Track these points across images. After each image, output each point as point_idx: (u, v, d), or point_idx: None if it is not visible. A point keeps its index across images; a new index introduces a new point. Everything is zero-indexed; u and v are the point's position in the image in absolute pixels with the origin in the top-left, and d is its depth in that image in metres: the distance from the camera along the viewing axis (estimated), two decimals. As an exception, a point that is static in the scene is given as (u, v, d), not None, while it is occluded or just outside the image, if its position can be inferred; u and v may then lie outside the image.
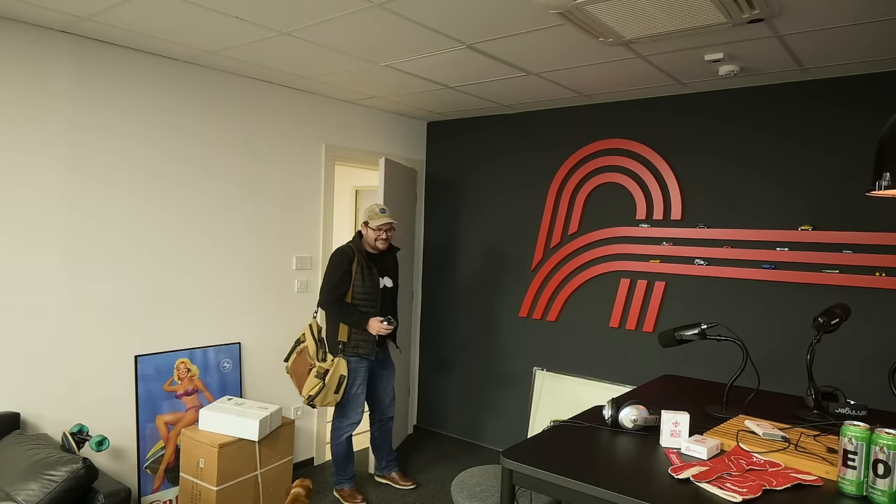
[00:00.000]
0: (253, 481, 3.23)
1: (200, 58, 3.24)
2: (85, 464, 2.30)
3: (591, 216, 4.04)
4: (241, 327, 3.70)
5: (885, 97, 3.05)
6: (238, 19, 2.61)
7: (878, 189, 1.79)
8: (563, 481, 1.64)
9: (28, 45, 2.75)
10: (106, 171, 3.06)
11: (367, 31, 2.73)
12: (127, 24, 2.73)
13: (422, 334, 4.98)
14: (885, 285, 3.02)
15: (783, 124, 3.34)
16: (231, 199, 3.61)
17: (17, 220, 2.78)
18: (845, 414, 2.11)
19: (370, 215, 3.46)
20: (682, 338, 2.28)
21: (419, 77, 3.49)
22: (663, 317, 3.76)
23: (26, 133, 2.78)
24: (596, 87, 3.58)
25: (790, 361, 3.31)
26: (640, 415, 2.00)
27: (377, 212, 3.44)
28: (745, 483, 1.56)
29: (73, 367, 2.98)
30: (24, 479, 2.25)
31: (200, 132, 3.44)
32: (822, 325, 2.21)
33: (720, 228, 3.52)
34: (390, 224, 3.44)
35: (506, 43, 2.82)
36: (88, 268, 3.01)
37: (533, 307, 4.30)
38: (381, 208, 3.44)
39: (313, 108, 4.03)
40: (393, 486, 3.83)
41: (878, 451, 1.49)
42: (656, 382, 2.75)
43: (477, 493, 2.28)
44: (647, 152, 3.77)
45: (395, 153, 4.65)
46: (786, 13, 2.35)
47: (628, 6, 2.27)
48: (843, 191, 3.16)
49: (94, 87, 2.99)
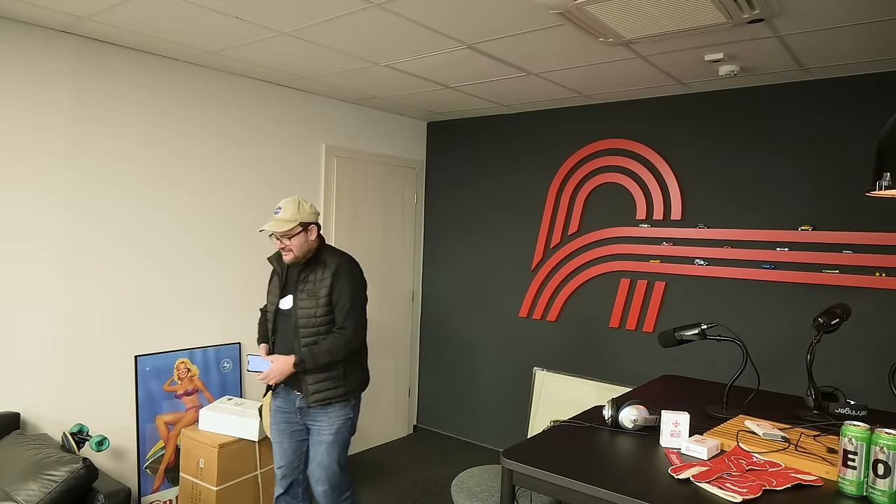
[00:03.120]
0: (253, 481, 3.23)
1: (200, 58, 3.24)
2: (85, 464, 2.30)
3: (591, 216, 4.04)
4: (241, 327, 3.69)
5: (885, 97, 3.04)
6: (238, 19, 2.61)
7: (878, 189, 1.79)
8: (563, 481, 1.64)
9: (28, 45, 2.75)
10: (106, 171, 3.06)
11: (367, 31, 2.72)
12: (127, 24, 2.73)
13: (422, 334, 4.98)
14: (885, 285, 3.02)
15: (783, 124, 3.34)
16: (231, 198, 3.61)
17: (17, 220, 2.77)
18: (845, 414, 2.11)
19: None
20: (682, 338, 2.28)
21: (419, 77, 3.49)
22: (663, 317, 3.76)
23: (26, 133, 2.78)
24: (596, 87, 3.58)
25: (790, 361, 3.31)
26: (640, 415, 2.00)
27: None
28: (745, 483, 1.56)
29: (73, 367, 2.98)
30: (24, 479, 2.25)
31: (200, 132, 3.44)
32: (822, 325, 2.21)
33: (720, 228, 3.52)
34: (273, 234, 2.51)
35: (506, 43, 2.82)
36: (88, 268, 3.01)
37: (533, 307, 4.30)
38: (276, 208, 2.55)
39: (313, 108, 4.03)
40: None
41: (878, 451, 1.49)
42: (656, 382, 2.75)
43: (477, 493, 2.28)
44: (647, 152, 3.77)
45: (395, 153, 4.65)
46: (786, 13, 2.35)
47: (628, 6, 2.27)
48: (843, 191, 3.16)
49: (94, 87, 2.98)
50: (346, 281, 2.55)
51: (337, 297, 2.53)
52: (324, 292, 2.51)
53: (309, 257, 2.57)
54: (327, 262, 2.56)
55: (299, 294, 2.54)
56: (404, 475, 4.05)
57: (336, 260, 2.57)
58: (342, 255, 2.62)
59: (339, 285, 2.53)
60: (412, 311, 4.87)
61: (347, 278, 2.56)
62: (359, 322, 2.57)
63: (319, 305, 2.52)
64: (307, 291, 2.54)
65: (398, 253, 4.71)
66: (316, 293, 2.52)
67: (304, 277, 2.55)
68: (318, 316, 2.53)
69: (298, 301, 2.54)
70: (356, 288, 2.59)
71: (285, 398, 2.68)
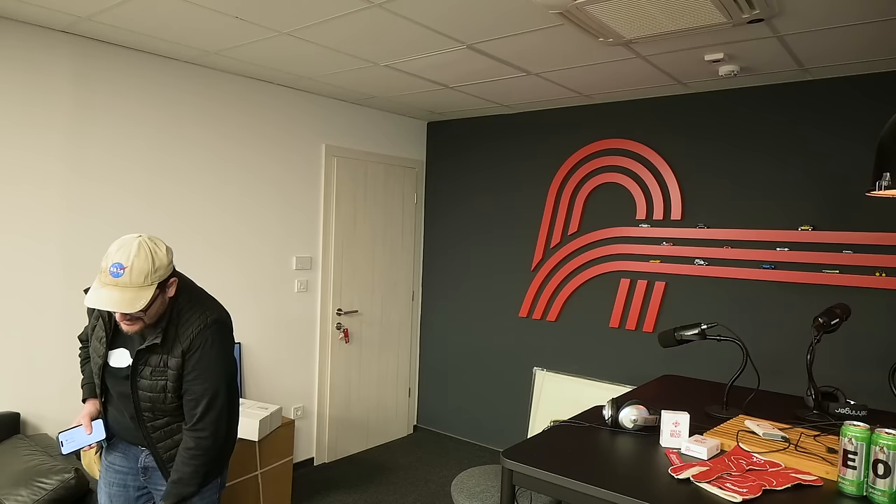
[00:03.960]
0: (253, 481, 3.23)
1: (200, 58, 3.24)
2: (76, 474, 2.31)
3: (591, 216, 4.04)
4: (241, 327, 3.69)
5: (885, 97, 3.05)
6: (238, 19, 2.61)
7: (878, 189, 1.79)
8: (563, 481, 1.64)
9: (28, 45, 2.75)
10: (106, 171, 3.06)
11: (367, 31, 2.72)
12: (127, 24, 2.73)
13: (422, 334, 4.98)
14: (885, 285, 3.02)
15: (783, 124, 3.34)
16: (231, 199, 3.61)
17: (17, 220, 2.78)
18: (845, 414, 2.11)
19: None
20: (682, 338, 2.28)
21: (419, 77, 3.49)
22: (663, 317, 3.76)
23: (26, 133, 2.78)
24: (596, 87, 3.58)
25: (790, 361, 3.31)
26: (640, 415, 2.00)
27: (102, 269, 1.66)
28: (745, 483, 1.56)
29: (73, 367, 2.98)
30: (16, 485, 2.26)
31: (200, 132, 3.44)
32: (822, 325, 2.21)
33: (720, 228, 3.52)
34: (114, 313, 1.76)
35: (506, 43, 2.82)
36: (88, 268, 3.01)
37: (533, 307, 4.30)
38: (111, 264, 1.64)
39: (313, 108, 4.03)
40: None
41: (878, 451, 1.49)
42: (656, 382, 2.75)
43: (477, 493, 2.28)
44: (647, 152, 3.77)
45: (395, 153, 4.65)
46: (786, 13, 2.35)
47: (628, 6, 2.27)
48: (843, 191, 3.16)
49: (94, 88, 2.98)
50: (206, 360, 1.77)
51: (190, 384, 1.77)
52: (173, 375, 1.76)
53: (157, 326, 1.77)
54: (179, 331, 1.77)
55: (140, 367, 1.77)
56: (404, 475, 4.05)
57: (192, 327, 1.77)
58: (202, 316, 1.79)
59: (194, 367, 1.76)
60: (412, 310, 4.88)
61: (209, 356, 1.77)
62: (222, 418, 1.81)
63: (169, 390, 1.77)
64: (152, 368, 1.77)
65: (398, 253, 4.71)
66: (164, 372, 1.76)
67: (148, 348, 1.76)
68: (168, 402, 1.79)
69: (140, 378, 1.77)
70: (220, 368, 1.80)
71: (124, 452, 1.93)
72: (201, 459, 1.79)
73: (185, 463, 1.79)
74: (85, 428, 1.85)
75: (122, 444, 1.93)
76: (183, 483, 1.79)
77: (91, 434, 1.85)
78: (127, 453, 1.93)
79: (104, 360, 1.83)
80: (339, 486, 3.84)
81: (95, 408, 1.91)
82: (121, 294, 1.62)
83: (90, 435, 1.85)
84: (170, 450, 1.84)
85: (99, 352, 1.83)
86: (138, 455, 1.91)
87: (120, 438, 1.92)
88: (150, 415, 1.81)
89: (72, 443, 1.83)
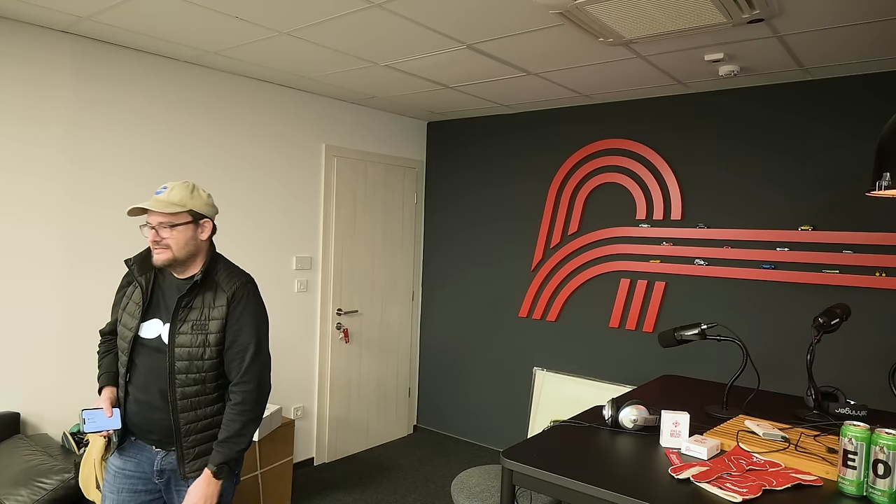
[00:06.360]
0: (253, 481, 3.23)
1: (200, 58, 3.24)
2: (76, 473, 2.30)
3: (591, 216, 4.04)
4: (241, 327, 3.69)
5: (885, 97, 3.05)
6: (238, 19, 2.61)
7: (878, 189, 1.79)
8: (563, 481, 1.64)
9: (28, 46, 2.75)
10: (106, 171, 3.05)
11: (367, 31, 2.73)
12: (127, 24, 2.73)
13: (422, 334, 4.98)
14: (885, 285, 3.02)
15: (783, 124, 3.34)
16: (231, 198, 3.61)
17: (17, 219, 2.77)
18: (845, 414, 2.11)
19: None
20: (682, 338, 2.28)
21: (419, 77, 3.49)
22: (663, 317, 3.76)
23: (26, 133, 2.77)
24: (596, 87, 3.58)
25: (790, 361, 3.31)
26: (640, 415, 2.00)
27: None
28: (745, 483, 1.56)
29: (73, 366, 2.98)
30: (16, 485, 2.26)
31: (200, 132, 3.44)
32: (822, 325, 2.21)
33: (720, 228, 3.52)
34: (153, 213, 1.81)
35: (506, 43, 2.82)
36: (89, 268, 3.01)
37: (533, 307, 4.30)
38: (161, 187, 1.87)
39: (313, 108, 4.03)
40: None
41: (878, 451, 1.49)
42: (656, 382, 2.75)
43: (477, 493, 2.28)
44: (647, 152, 3.77)
45: (395, 153, 4.65)
46: (786, 13, 2.35)
47: (628, 6, 2.27)
48: (843, 191, 3.16)
49: (94, 88, 2.98)
50: (249, 312, 1.86)
51: (236, 334, 1.83)
52: (216, 326, 1.82)
53: (194, 273, 1.86)
54: (220, 281, 1.87)
55: (179, 323, 1.81)
56: (404, 475, 4.05)
57: (234, 280, 1.88)
58: (240, 273, 1.93)
59: (238, 317, 1.84)
60: (412, 310, 4.88)
61: (251, 308, 1.88)
62: (265, 370, 1.90)
63: (210, 344, 1.81)
64: (192, 322, 1.81)
65: (398, 253, 4.71)
66: (204, 326, 1.81)
67: (188, 303, 1.83)
68: (206, 358, 1.81)
69: (179, 334, 1.80)
70: (262, 321, 1.91)
71: (136, 456, 1.88)
72: (248, 415, 1.83)
73: (233, 420, 1.82)
74: (106, 411, 1.84)
75: (134, 447, 1.89)
76: (231, 441, 1.81)
77: (111, 418, 1.84)
78: (140, 457, 1.88)
79: (135, 333, 1.84)
80: (339, 486, 3.84)
81: (114, 395, 1.90)
82: (157, 202, 1.77)
83: (110, 419, 1.83)
84: (191, 423, 1.82)
85: (130, 325, 1.85)
86: (153, 458, 1.87)
87: (136, 430, 1.87)
88: (183, 377, 1.80)
89: (93, 423, 1.81)
